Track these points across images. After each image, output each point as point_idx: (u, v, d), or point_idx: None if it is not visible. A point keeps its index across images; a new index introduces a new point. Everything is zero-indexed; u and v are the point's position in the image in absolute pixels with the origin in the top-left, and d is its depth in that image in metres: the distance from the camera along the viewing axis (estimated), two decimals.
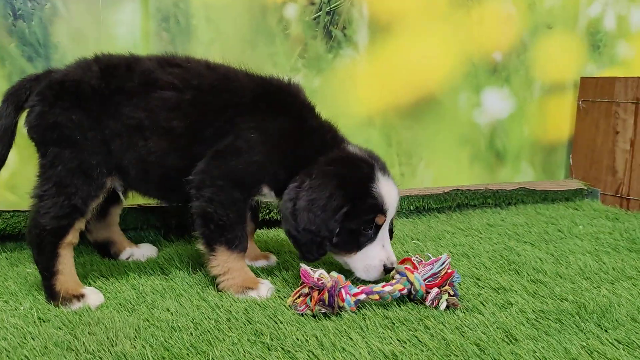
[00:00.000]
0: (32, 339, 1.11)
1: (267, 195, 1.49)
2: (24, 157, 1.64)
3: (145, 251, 1.67)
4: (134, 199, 1.69)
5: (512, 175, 2.54)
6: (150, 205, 1.81)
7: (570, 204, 2.45)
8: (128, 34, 1.80)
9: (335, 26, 2.10)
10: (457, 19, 2.32)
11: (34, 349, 1.07)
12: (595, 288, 1.44)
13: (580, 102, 2.59)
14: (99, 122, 1.38)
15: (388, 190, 1.41)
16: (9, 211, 1.66)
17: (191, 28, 1.89)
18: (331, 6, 2.08)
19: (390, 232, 1.51)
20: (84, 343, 1.09)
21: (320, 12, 2.07)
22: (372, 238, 1.41)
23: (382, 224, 1.41)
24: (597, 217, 2.22)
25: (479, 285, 1.46)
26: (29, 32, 1.68)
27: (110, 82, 1.40)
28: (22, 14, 1.67)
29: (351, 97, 2.16)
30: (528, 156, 2.57)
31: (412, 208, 2.21)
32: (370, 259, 1.41)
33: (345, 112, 2.12)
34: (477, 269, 1.59)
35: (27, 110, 1.39)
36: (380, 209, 1.40)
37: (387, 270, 1.41)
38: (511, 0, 2.42)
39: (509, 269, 1.58)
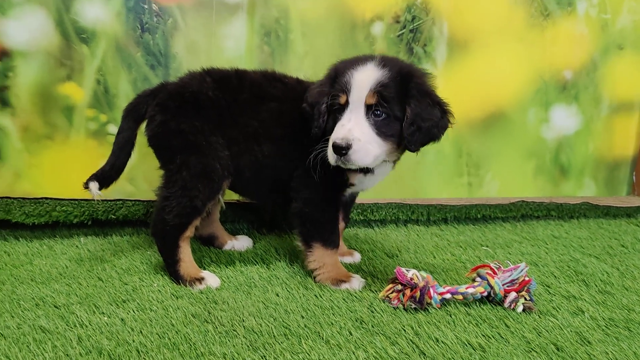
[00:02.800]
0: (174, 310, 1.33)
1: (351, 179, 1.60)
2: (141, 154, 1.85)
3: (244, 243, 1.88)
4: (231, 195, 1.90)
5: (574, 190, 2.64)
6: (246, 202, 2.02)
7: (632, 220, 2.54)
8: (235, 46, 2.01)
9: (417, 43, 2.26)
10: (531, 38, 2.43)
11: (178, 318, 1.29)
12: None
13: None
14: (218, 128, 1.57)
15: (360, 73, 1.44)
16: (131, 200, 1.90)
17: (289, 42, 2.08)
18: (414, 24, 2.24)
19: (409, 142, 1.47)
20: (217, 317, 1.30)
21: (404, 30, 2.23)
22: (339, 119, 1.45)
23: (345, 105, 1.44)
24: None
25: (549, 293, 1.60)
26: (153, 43, 1.91)
27: (225, 93, 1.59)
28: (148, 27, 1.90)
29: None
30: (591, 172, 2.66)
31: (479, 216, 2.35)
32: (332, 139, 1.42)
33: None
34: (546, 277, 1.72)
35: (147, 121, 1.57)
36: (343, 88, 1.44)
37: (335, 148, 1.39)
38: (584, 22, 2.51)
39: (577, 280, 1.71)
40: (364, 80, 1.43)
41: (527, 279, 1.49)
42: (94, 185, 1.56)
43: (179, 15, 1.93)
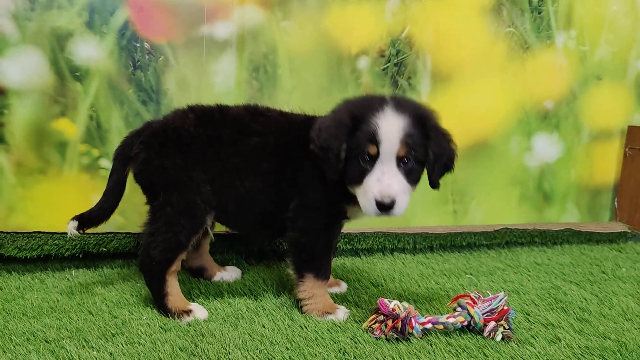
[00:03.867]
0: (162, 344, 1.37)
1: (349, 211, 1.65)
2: (132, 187, 1.89)
3: (232, 274, 1.92)
4: (220, 227, 1.95)
5: (558, 216, 2.71)
6: (234, 233, 2.07)
7: (614, 245, 2.60)
8: (224, 81, 2.08)
9: (402, 76, 2.34)
10: (512, 70, 2.52)
11: (166, 351, 1.32)
12: (636, 329, 1.60)
13: (627, 149, 2.74)
14: (200, 164, 1.60)
15: (387, 123, 1.45)
16: (122, 233, 1.94)
17: (277, 77, 2.15)
18: (399, 58, 2.32)
19: (433, 176, 1.54)
20: (204, 350, 1.34)
21: (389, 64, 2.31)
22: (367, 170, 1.46)
23: (376, 156, 1.46)
24: (639, 261, 2.36)
25: (529, 321, 1.64)
26: (144, 80, 1.98)
27: (207, 128, 1.63)
28: (140, 64, 1.97)
29: None
30: (574, 198, 2.73)
31: (464, 244, 2.40)
32: (366, 193, 1.46)
33: None
34: (527, 305, 1.77)
35: (132, 159, 1.62)
36: (372, 139, 1.45)
37: (379, 205, 1.43)
38: (563, 54, 2.60)
39: (557, 307, 1.76)
40: (393, 132, 1.45)
41: (505, 308, 1.53)
42: (72, 224, 1.61)
43: (170, 52, 2.00)
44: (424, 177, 1.57)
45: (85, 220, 1.64)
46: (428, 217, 2.46)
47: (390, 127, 1.45)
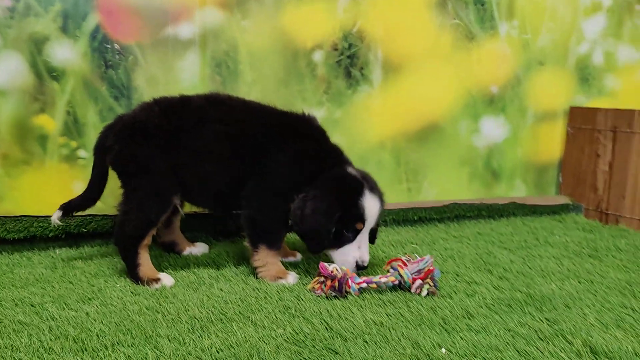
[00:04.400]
0: (131, 304, 1.60)
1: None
2: (109, 174, 2.12)
3: (200, 249, 2.15)
4: (191, 208, 2.17)
5: (507, 192, 2.95)
6: (203, 213, 2.30)
7: (555, 217, 2.84)
8: (189, 77, 2.30)
9: (355, 67, 2.56)
10: (458, 59, 2.74)
11: (133, 310, 1.56)
12: (547, 283, 1.85)
13: (569, 129, 2.98)
14: (165, 152, 1.82)
15: (370, 205, 1.80)
16: (100, 215, 2.17)
17: (238, 72, 2.37)
18: (351, 51, 2.54)
19: (373, 237, 1.92)
20: (166, 308, 1.57)
21: (342, 56, 2.53)
22: (350, 239, 1.81)
23: (361, 230, 1.81)
24: (574, 229, 2.61)
25: (457, 280, 1.89)
26: (116, 78, 2.19)
27: (170, 120, 1.85)
28: (111, 64, 2.18)
29: (367, 125, 2.60)
30: (521, 175, 2.97)
31: (415, 218, 2.64)
32: (346, 255, 1.81)
33: (361, 138, 2.58)
34: (458, 267, 2.01)
35: (108, 150, 1.84)
36: (361, 218, 1.79)
37: (358, 267, 1.82)
38: (506, 42, 2.83)
39: (484, 269, 2.00)
40: (374, 211, 1.82)
41: (431, 268, 1.77)
42: (56, 214, 1.85)
43: (138, 52, 2.21)
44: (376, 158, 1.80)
45: (71, 208, 1.87)
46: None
47: (373, 208, 1.81)
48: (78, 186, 2.12)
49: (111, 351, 1.33)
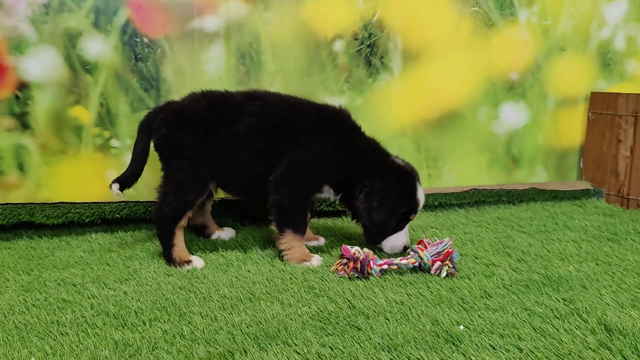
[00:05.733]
0: (165, 284, 1.70)
1: (326, 193, 2.02)
2: None
3: (228, 233, 2.25)
4: (220, 194, 2.27)
5: (527, 177, 2.98)
6: (231, 200, 2.39)
7: (576, 202, 2.86)
8: (215, 68, 2.38)
9: (375, 56, 2.61)
10: (478, 46, 2.77)
11: (167, 290, 1.66)
12: (565, 266, 1.89)
13: (590, 114, 2.99)
14: (206, 142, 1.93)
15: (421, 198, 1.98)
16: (133, 202, 2.28)
17: (261, 62, 2.44)
18: (371, 40, 2.59)
19: None
20: (198, 288, 1.67)
21: (362, 46, 2.59)
22: (402, 228, 1.97)
23: (411, 220, 1.98)
24: (594, 214, 2.63)
25: (475, 262, 1.94)
26: (145, 70, 2.28)
27: (214, 113, 1.96)
28: (141, 57, 2.27)
29: (387, 113, 2.66)
30: (542, 160, 2.99)
31: (435, 204, 2.69)
32: (396, 241, 1.98)
33: (381, 126, 2.64)
34: (477, 250, 2.07)
35: (154, 131, 1.96)
36: (415, 211, 1.98)
37: (404, 249, 1.96)
38: (526, 28, 2.84)
39: (503, 252, 2.05)
40: (423, 203, 2.01)
41: (450, 250, 1.83)
42: (115, 186, 1.95)
43: (166, 45, 2.30)
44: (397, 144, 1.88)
45: (122, 182, 1.97)
46: None
47: (422, 200, 1.99)
48: (111, 174, 2.22)
49: (149, 326, 1.43)
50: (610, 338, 1.36)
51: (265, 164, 1.95)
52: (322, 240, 2.19)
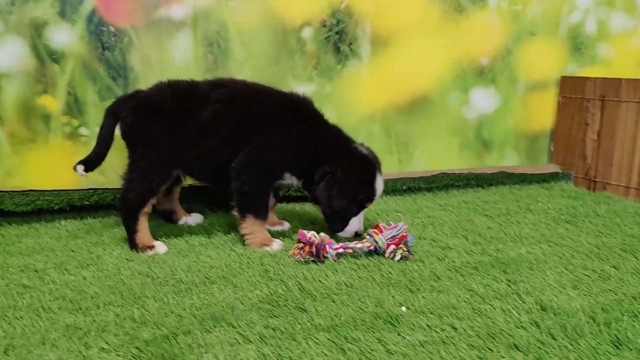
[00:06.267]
0: (124, 269, 1.76)
1: (288, 179, 2.07)
2: (110, 151, 2.25)
3: (195, 219, 2.30)
4: (189, 181, 2.31)
5: (498, 161, 3.02)
6: (200, 186, 2.43)
7: (545, 185, 2.91)
8: (182, 56, 2.41)
9: (343, 43, 2.64)
10: (447, 31, 2.79)
11: (126, 275, 1.71)
12: (518, 248, 1.95)
13: (560, 98, 3.02)
14: (172, 130, 1.97)
15: (380, 186, 2.02)
16: (101, 188, 2.32)
17: (229, 50, 2.47)
18: (339, 27, 2.62)
19: None
20: (156, 273, 1.72)
21: (331, 32, 2.61)
22: (356, 214, 2.02)
23: (367, 207, 2.02)
24: (559, 196, 2.68)
25: (432, 246, 1.99)
26: (112, 59, 2.31)
27: (179, 102, 2.00)
28: (108, 46, 2.30)
29: (356, 99, 2.69)
30: (513, 144, 3.04)
31: (404, 188, 2.74)
32: (350, 226, 2.02)
33: (351, 111, 2.68)
34: (437, 234, 2.12)
35: (121, 120, 2.00)
36: (372, 199, 2.02)
37: (356, 234, 2.02)
38: (496, 13, 2.86)
39: (460, 235, 2.10)
40: (381, 191, 2.05)
41: (404, 234, 1.88)
42: (80, 167, 1.99)
43: (133, 34, 2.32)
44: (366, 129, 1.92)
45: (87, 164, 2.01)
46: None
47: (381, 188, 2.04)
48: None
49: (102, 310, 1.48)
50: (542, 317, 1.42)
51: (229, 151, 1.99)
52: (286, 225, 2.24)
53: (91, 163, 2.01)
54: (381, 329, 1.38)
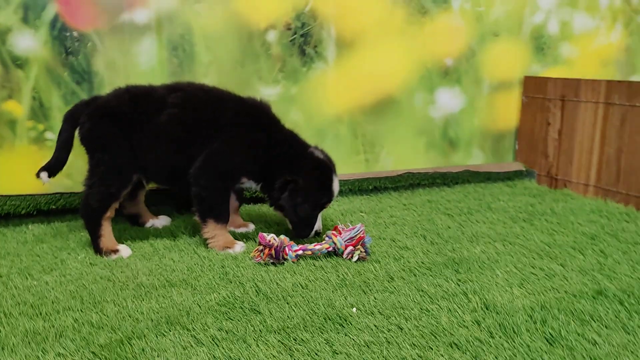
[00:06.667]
0: (87, 274, 1.79)
1: (246, 184, 2.12)
2: (76, 153, 2.27)
3: (162, 221, 2.33)
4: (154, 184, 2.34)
5: (464, 159, 3.09)
6: (167, 189, 2.47)
7: (508, 182, 2.99)
8: (147, 60, 2.43)
9: (309, 45, 2.68)
10: (411, 33, 2.85)
11: (88, 279, 1.75)
12: (473, 247, 2.01)
13: (523, 97, 3.10)
14: (129, 135, 2.00)
15: (336, 188, 2.09)
16: (68, 192, 2.35)
17: (194, 54, 2.50)
18: (304, 30, 2.66)
19: None
20: (117, 277, 1.76)
21: (296, 35, 2.65)
22: (316, 215, 2.08)
23: (325, 208, 2.10)
24: (521, 194, 2.76)
25: (391, 246, 2.05)
26: (77, 63, 2.33)
27: (136, 107, 2.03)
28: (71, 51, 2.32)
29: (323, 100, 2.74)
30: (479, 143, 3.11)
31: (370, 188, 2.80)
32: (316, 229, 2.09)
33: (318, 113, 2.72)
34: (397, 234, 2.18)
35: (79, 126, 2.03)
36: (330, 200, 2.09)
37: (316, 233, 2.09)
38: (459, 15, 2.92)
39: (419, 235, 2.16)
40: (337, 192, 2.12)
41: (362, 235, 1.94)
42: (44, 175, 2.02)
43: (97, 38, 2.35)
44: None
45: (49, 170, 2.04)
46: (341, 166, 2.80)
47: (337, 190, 2.10)
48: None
49: (62, 315, 1.52)
50: (484, 316, 1.49)
51: (186, 155, 2.03)
52: (251, 227, 2.29)
53: (53, 169, 2.04)
54: (330, 330, 1.43)
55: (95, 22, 2.33)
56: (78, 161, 2.19)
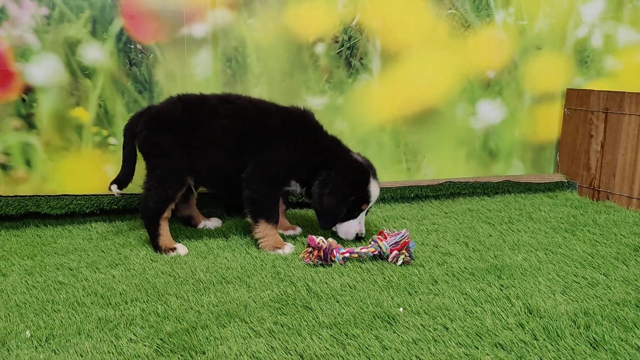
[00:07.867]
0: (149, 269, 1.93)
1: (293, 186, 2.23)
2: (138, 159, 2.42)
3: (214, 223, 2.47)
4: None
5: (504, 170, 3.13)
6: (217, 193, 2.60)
7: (549, 194, 3.01)
8: (203, 71, 2.58)
9: (355, 57, 2.79)
10: (455, 46, 2.92)
11: (150, 274, 1.88)
12: (515, 255, 2.07)
13: (565, 110, 3.13)
14: (182, 141, 2.15)
15: (374, 190, 2.17)
16: (128, 194, 2.51)
17: (247, 65, 2.64)
18: (351, 42, 2.77)
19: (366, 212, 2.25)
20: (177, 273, 1.89)
21: (342, 48, 2.76)
22: (355, 216, 2.16)
23: (364, 210, 2.15)
24: (563, 205, 2.78)
25: (434, 252, 2.13)
26: (139, 74, 2.50)
27: (189, 114, 2.18)
28: (135, 62, 2.49)
29: (367, 110, 2.84)
30: (519, 154, 3.15)
31: (412, 195, 2.87)
32: (349, 228, 2.19)
33: (362, 122, 2.82)
34: (439, 240, 2.25)
35: (137, 135, 2.18)
36: (367, 201, 2.16)
37: (357, 237, 2.18)
38: (502, 29, 2.98)
39: (462, 241, 2.23)
40: (376, 195, 2.20)
41: (407, 240, 2.02)
42: (114, 187, 2.19)
43: (158, 51, 2.51)
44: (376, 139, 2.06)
45: (119, 183, 2.20)
46: (383, 174, 2.91)
47: (375, 192, 2.18)
48: (109, 169, 2.46)
49: (129, 305, 1.66)
50: (528, 319, 1.55)
51: (236, 162, 2.16)
52: (298, 230, 2.40)
53: (122, 181, 2.21)
54: (379, 327, 1.52)
55: (157, 35, 2.49)
56: (137, 166, 2.34)
